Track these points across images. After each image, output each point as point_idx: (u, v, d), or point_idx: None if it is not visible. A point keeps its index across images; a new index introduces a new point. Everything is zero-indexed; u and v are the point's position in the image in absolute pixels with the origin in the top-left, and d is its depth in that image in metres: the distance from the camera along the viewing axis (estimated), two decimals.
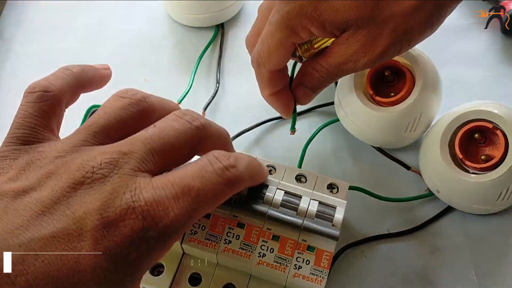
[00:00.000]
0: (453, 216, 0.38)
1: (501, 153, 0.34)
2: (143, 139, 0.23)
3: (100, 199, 0.21)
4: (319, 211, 0.31)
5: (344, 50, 0.29)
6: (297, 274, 0.30)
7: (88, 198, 0.21)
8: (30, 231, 0.20)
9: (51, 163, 0.23)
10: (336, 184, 0.33)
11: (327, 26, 0.29)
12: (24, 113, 0.26)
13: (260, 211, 0.30)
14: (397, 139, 0.38)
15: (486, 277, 0.35)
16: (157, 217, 0.21)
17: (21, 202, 0.21)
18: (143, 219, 0.20)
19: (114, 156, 0.22)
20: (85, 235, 0.20)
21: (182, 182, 0.22)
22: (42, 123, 0.26)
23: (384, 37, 0.28)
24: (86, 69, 0.30)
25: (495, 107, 0.35)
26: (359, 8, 0.27)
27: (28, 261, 0.19)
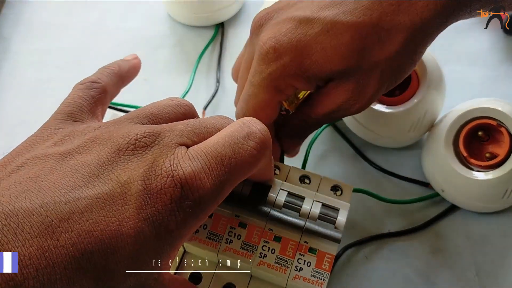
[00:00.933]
0: (454, 216, 0.38)
1: (506, 151, 0.34)
2: (185, 123, 0.24)
3: (143, 167, 0.21)
4: (322, 213, 0.31)
5: (333, 99, 0.30)
6: (297, 276, 0.29)
7: (131, 164, 0.22)
8: (76, 191, 0.20)
9: (95, 131, 0.24)
10: (340, 186, 0.33)
11: (312, 81, 0.29)
12: (73, 95, 0.27)
13: (262, 211, 0.30)
14: (401, 138, 0.38)
15: (487, 278, 0.35)
16: (193, 187, 0.21)
17: (67, 164, 0.22)
18: (181, 188, 0.21)
19: (157, 129, 0.23)
20: (129, 199, 0.20)
21: (215, 152, 0.23)
22: (88, 106, 0.27)
23: (372, 82, 0.28)
24: (121, 64, 0.32)
25: (500, 105, 0.35)
26: (344, 61, 0.27)
27: (73, 219, 0.19)
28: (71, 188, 0.20)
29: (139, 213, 0.20)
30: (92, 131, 0.24)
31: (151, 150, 0.22)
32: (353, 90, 0.29)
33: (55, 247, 0.19)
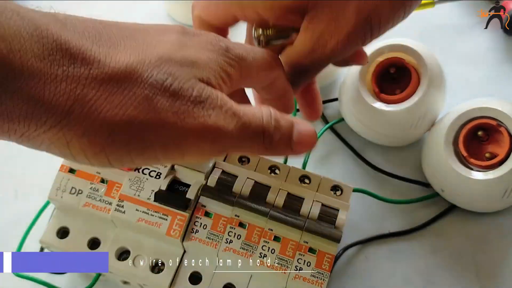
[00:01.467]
0: (454, 216, 0.38)
1: (506, 151, 0.34)
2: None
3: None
4: (322, 213, 0.31)
5: (307, 36, 0.27)
6: (297, 276, 0.30)
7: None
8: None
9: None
10: (340, 186, 0.33)
11: (276, 10, 0.27)
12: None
13: (262, 211, 0.30)
14: (402, 137, 0.38)
15: (487, 278, 0.35)
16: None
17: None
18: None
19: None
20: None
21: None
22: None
23: (348, 15, 0.26)
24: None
25: (499, 104, 0.35)
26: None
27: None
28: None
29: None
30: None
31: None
32: (327, 21, 0.26)
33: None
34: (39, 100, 0.19)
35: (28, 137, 0.20)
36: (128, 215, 0.30)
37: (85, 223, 0.33)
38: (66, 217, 0.33)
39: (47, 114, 0.19)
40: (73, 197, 0.32)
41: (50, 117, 0.19)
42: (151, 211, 0.30)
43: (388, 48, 0.37)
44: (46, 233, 0.33)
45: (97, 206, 0.31)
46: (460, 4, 0.48)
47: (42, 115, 0.19)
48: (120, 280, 0.33)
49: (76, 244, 0.32)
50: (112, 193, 0.31)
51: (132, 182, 0.31)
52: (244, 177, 0.32)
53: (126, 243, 0.32)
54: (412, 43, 0.37)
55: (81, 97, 0.19)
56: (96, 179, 0.32)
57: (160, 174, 0.31)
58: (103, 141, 0.20)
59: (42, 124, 0.19)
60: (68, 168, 0.32)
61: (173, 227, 0.30)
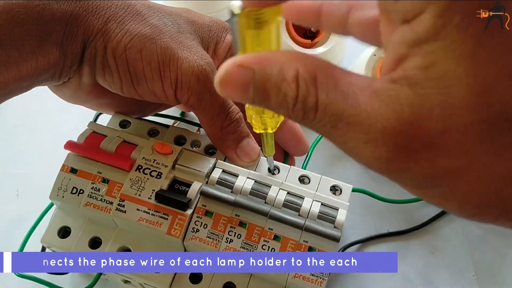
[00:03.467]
0: (453, 216, 0.38)
1: None
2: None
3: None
4: (321, 212, 0.31)
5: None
6: (297, 275, 0.30)
7: None
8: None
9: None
10: (339, 186, 0.33)
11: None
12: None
13: (262, 211, 0.30)
14: None
15: (486, 277, 0.35)
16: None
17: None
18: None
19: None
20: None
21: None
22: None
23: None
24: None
25: None
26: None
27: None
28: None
29: None
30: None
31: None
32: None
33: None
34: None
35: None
36: (129, 215, 0.31)
37: (86, 222, 0.33)
38: (67, 216, 0.33)
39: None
40: (74, 197, 0.32)
41: None
42: (151, 211, 0.31)
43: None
44: (47, 232, 0.33)
45: (98, 206, 0.31)
46: None
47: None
48: (121, 279, 0.33)
49: (77, 244, 0.32)
50: (113, 192, 0.32)
51: (133, 182, 0.31)
52: (244, 177, 0.32)
53: (127, 243, 0.32)
54: None
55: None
56: (97, 179, 0.32)
57: (161, 174, 0.31)
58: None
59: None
60: (69, 168, 0.33)
61: (173, 227, 0.30)
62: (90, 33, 0.29)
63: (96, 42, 0.29)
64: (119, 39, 0.29)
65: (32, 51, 0.27)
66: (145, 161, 0.32)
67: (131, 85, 0.30)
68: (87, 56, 0.29)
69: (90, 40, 0.29)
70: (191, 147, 0.34)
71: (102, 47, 0.29)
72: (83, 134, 0.34)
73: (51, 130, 0.43)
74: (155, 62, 0.29)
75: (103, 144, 0.33)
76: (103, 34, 0.29)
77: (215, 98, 0.30)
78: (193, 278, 0.31)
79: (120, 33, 0.29)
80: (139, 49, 0.29)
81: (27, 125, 0.44)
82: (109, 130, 0.34)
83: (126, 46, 0.29)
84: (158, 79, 0.29)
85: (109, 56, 0.29)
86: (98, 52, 0.29)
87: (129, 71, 0.29)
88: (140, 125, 0.36)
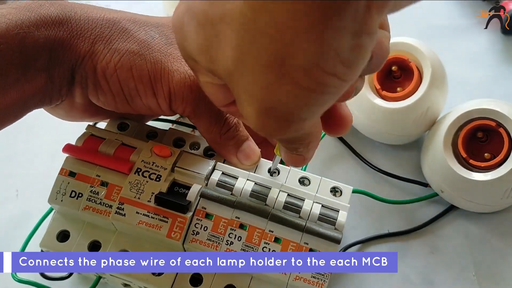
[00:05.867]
0: (453, 216, 0.38)
1: (505, 151, 0.34)
2: None
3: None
4: (322, 214, 0.31)
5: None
6: (298, 277, 0.30)
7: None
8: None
9: None
10: (340, 187, 0.33)
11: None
12: None
13: (262, 213, 0.30)
14: (402, 134, 0.38)
15: (486, 277, 0.35)
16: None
17: None
18: None
19: None
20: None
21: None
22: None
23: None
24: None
25: (498, 105, 0.35)
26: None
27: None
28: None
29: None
30: None
31: None
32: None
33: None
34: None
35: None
36: (128, 218, 0.30)
37: (85, 226, 0.33)
38: (66, 220, 0.33)
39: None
40: (73, 201, 0.32)
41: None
42: (151, 214, 0.30)
43: (391, 47, 0.37)
44: (46, 236, 0.33)
45: (97, 209, 0.31)
46: (460, 4, 0.48)
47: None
48: (121, 282, 0.33)
49: (76, 248, 0.32)
50: (112, 196, 0.31)
51: (132, 185, 0.31)
52: (244, 179, 0.32)
53: (127, 246, 0.32)
54: (414, 42, 0.38)
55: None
56: (96, 182, 0.32)
57: (160, 176, 0.31)
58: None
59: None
60: (68, 171, 0.32)
61: (173, 230, 0.30)
62: (77, 56, 0.29)
63: (85, 65, 0.29)
64: (108, 60, 0.28)
65: (17, 78, 0.27)
66: (144, 164, 0.32)
67: (125, 102, 0.30)
68: (77, 79, 0.29)
69: (78, 63, 0.29)
70: (190, 149, 0.34)
71: (92, 69, 0.29)
72: (81, 137, 0.33)
73: (51, 131, 0.43)
74: (146, 78, 0.29)
75: (101, 147, 0.33)
76: (91, 56, 0.28)
77: (211, 106, 0.30)
78: (194, 281, 0.31)
79: (109, 53, 0.29)
80: (129, 67, 0.29)
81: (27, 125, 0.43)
82: (107, 133, 0.34)
83: (116, 66, 0.28)
84: (151, 94, 0.30)
85: (100, 77, 0.29)
86: (89, 74, 0.29)
87: (122, 90, 0.29)
88: (138, 127, 0.35)
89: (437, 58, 0.37)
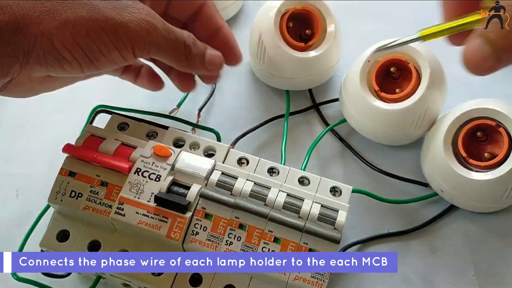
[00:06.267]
0: (453, 216, 0.38)
1: (505, 151, 0.34)
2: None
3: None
4: (321, 214, 0.31)
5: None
6: (298, 277, 0.30)
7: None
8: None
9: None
10: (339, 187, 0.33)
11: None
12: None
13: (262, 213, 0.30)
14: (401, 135, 0.38)
15: (486, 277, 0.35)
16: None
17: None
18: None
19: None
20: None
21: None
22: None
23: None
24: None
25: (498, 105, 0.35)
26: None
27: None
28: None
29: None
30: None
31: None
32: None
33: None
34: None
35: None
36: (128, 218, 0.30)
37: (85, 226, 0.33)
38: (66, 220, 0.33)
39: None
40: (73, 200, 0.32)
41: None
42: (151, 214, 0.31)
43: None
44: (46, 236, 0.33)
45: (97, 209, 0.31)
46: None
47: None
48: (121, 282, 0.33)
49: (76, 247, 0.32)
50: (112, 196, 0.32)
51: (131, 185, 0.31)
52: (243, 179, 0.32)
53: (126, 246, 0.32)
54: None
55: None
56: (96, 182, 0.32)
57: (160, 176, 0.31)
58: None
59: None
60: (67, 171, 0.33)
61: (173, 230, 0.30)
62: (29, 36, 0.29)
63: (41, 43, 0.29)
64: (64, 33, 0.29)
65: None
66: (144, 164, 0.32)
67: (91, 64, 0.31)
68: (34, 56, 0.29)
69: (31, 42, 0.29)
70: (189, 149, 0.34)
71: (50, 45, 0.29)
72: (81, 137, 0.33)
73: (51, 130, 0.43)
74: (105, 37, 0.30)
75: (101, 147, 0.33)
76: (44, 34, 0.29)
77: (168, 37, 0.32)
78: (193, 281, 0.31)
79: (62, 26, 0.29)
80: (86, 33, 0.29)
81: (27, 125, 0.43)
82: (107, 132, 0.34)
83: (74, 36, 0.29)
84: (114, 50, 0.30)
85: (62, 50, 0.29)
86: (48, 50, 0.29)
87: (86, 55, 0.30)
88: (138, 127, 0.36)
89: (435, 58, 0.37)
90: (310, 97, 0.43)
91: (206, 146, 0.34)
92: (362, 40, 0.40)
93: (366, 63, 0.38)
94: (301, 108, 0.43)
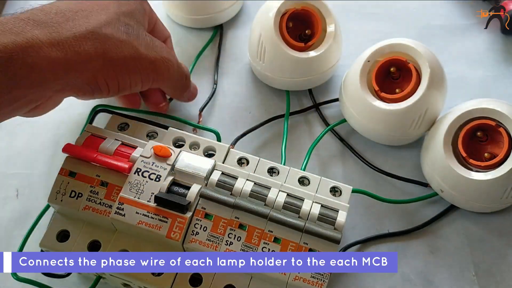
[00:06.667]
0: (453, 216, 0.38)
1: (505, 151, 0.34)
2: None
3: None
4: (321, 214, 0.31)
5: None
6: (297, 277, 0.30)
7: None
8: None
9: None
10: (339, 187, 0.33)
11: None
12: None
13: (262, 213, 0.30)
14: (401, 135, 0.38)
15: (486, 277, 0.35)
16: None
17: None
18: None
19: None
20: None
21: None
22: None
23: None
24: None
25: (498, 105, 0.35)
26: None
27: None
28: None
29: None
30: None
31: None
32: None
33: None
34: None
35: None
36: (128, 218, 0.30)
37: (85, 226, 0.33)
38: (66, 220, 0.33)
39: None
40: (73, 200, 0.32)
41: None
42: (151, 214, 0.31)
43: (389, 48, 0.38)
44: (46, 236, 0.33)
45: (97, 209, 0.31)
46: (460, 4, 0.48)
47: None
48: (121, 282, 0.33)
49: (76, 247, 0.32)
50: (112, 196, 0.32)
51: (132, 185, 0.31)
52: (243, 179, 0.32)
53: (127, 246, 0.32)
54: (413, 43, 0.37)
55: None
56: (96, 182, 0.32)
57: (160, 176, 0.31)
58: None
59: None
60: (68, 171, 0.33)
61: (173, 230, 0.30)
62: (75, 74, 0.31)
63: (86, 77, 0.31)
64: (107, 70, 0.32)
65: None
66: (144, 164, 0.32)
67: (117, 93, 0.34)
68: (71, 85, 0.31)
69: (76, 77, 0.31)
70: (190, 149, 0.34)
71: (92, 78, 0.31)
72: (81, 137, 0.33)
73: (51, 130, 0.43)
74: (138, 76, 0.34)
75: (101, 147, 0.33)
76: (90, 70, 0.31)
77: (179, 71, 0.37)
78: (193, 281, 0.31)
79: (108, 63, 0.32)
80: (126, 71, 0.33)
81: (27, 125, 0.43)
82: (107, 132, 0.34)
83: (115, 72, 0.32)
84: (140, 83, 0.34)
85: (101, 83, 0.32)
86: (88, 82, 0.31)
87: (119, 87, 0.33)
88: (138, 127, 0.36)
89: (435, 58, 0.37)
90: (310, 97, 0.43)
91: (206, 146, 0.34)
92: (362, 40, 0.40)
93: (366, 63, 0.38)
94: (301, 108, 0.43)
